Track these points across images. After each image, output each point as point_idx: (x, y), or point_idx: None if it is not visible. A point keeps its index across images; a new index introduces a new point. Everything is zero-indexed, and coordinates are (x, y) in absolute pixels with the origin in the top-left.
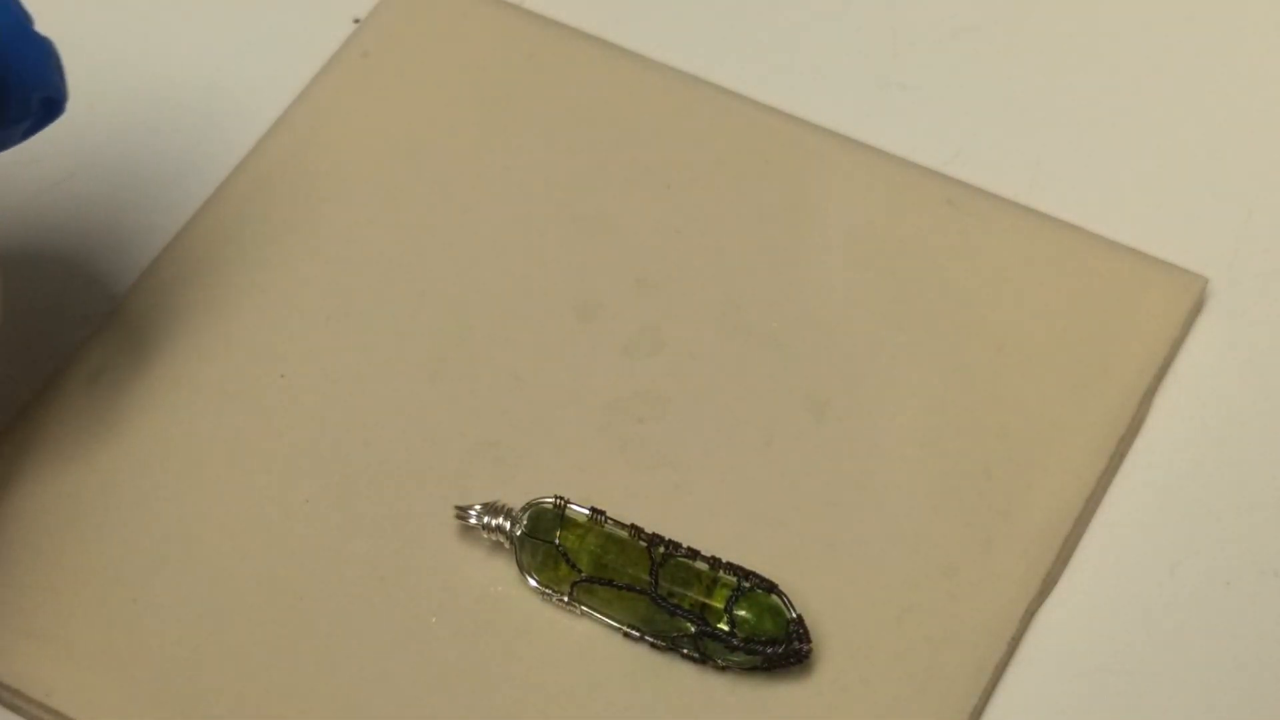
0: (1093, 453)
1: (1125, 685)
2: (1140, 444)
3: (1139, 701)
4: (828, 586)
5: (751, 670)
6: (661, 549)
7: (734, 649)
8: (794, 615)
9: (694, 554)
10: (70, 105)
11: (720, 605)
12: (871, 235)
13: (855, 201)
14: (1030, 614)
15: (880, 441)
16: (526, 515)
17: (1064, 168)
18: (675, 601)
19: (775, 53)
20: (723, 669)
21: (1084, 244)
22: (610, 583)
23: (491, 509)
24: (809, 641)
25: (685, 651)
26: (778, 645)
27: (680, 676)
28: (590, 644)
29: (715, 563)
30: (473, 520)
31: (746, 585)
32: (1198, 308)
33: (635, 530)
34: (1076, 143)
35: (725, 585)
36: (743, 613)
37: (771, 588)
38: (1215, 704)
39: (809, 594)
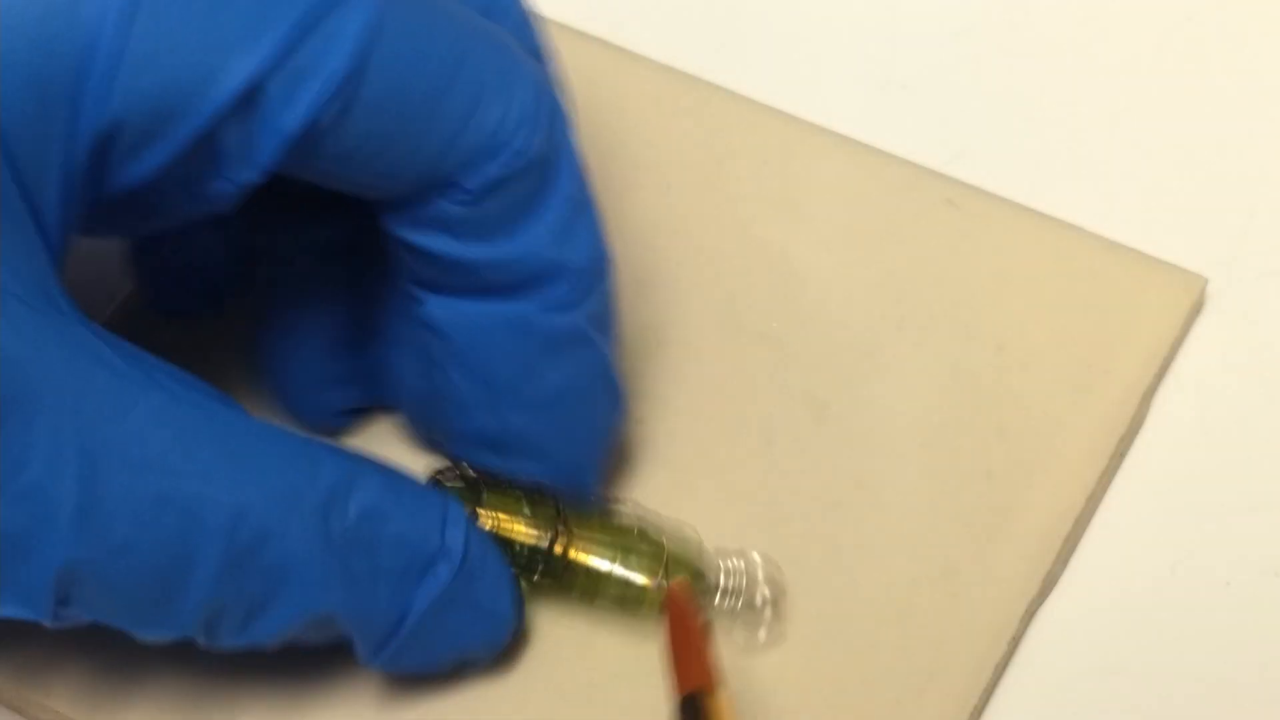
0: (1093, 453)
1: (1125, 685)
2: (1140, 444)
3: (1139, 701)
4: (828, 586)
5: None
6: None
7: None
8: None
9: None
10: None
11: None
12: (871, 235)
13: (855, 202)
14: (1030, 614)
15: (880, 441)
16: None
17: (1064, 168)
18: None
19: (775, 53)
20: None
21: (1084, 244)
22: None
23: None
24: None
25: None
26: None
27: None
28: (591, 644)
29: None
30: None
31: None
32: (1198, 308)
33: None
34: (1076, 143)
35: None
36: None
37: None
38: (1215, 704)
39: (809, 594)
